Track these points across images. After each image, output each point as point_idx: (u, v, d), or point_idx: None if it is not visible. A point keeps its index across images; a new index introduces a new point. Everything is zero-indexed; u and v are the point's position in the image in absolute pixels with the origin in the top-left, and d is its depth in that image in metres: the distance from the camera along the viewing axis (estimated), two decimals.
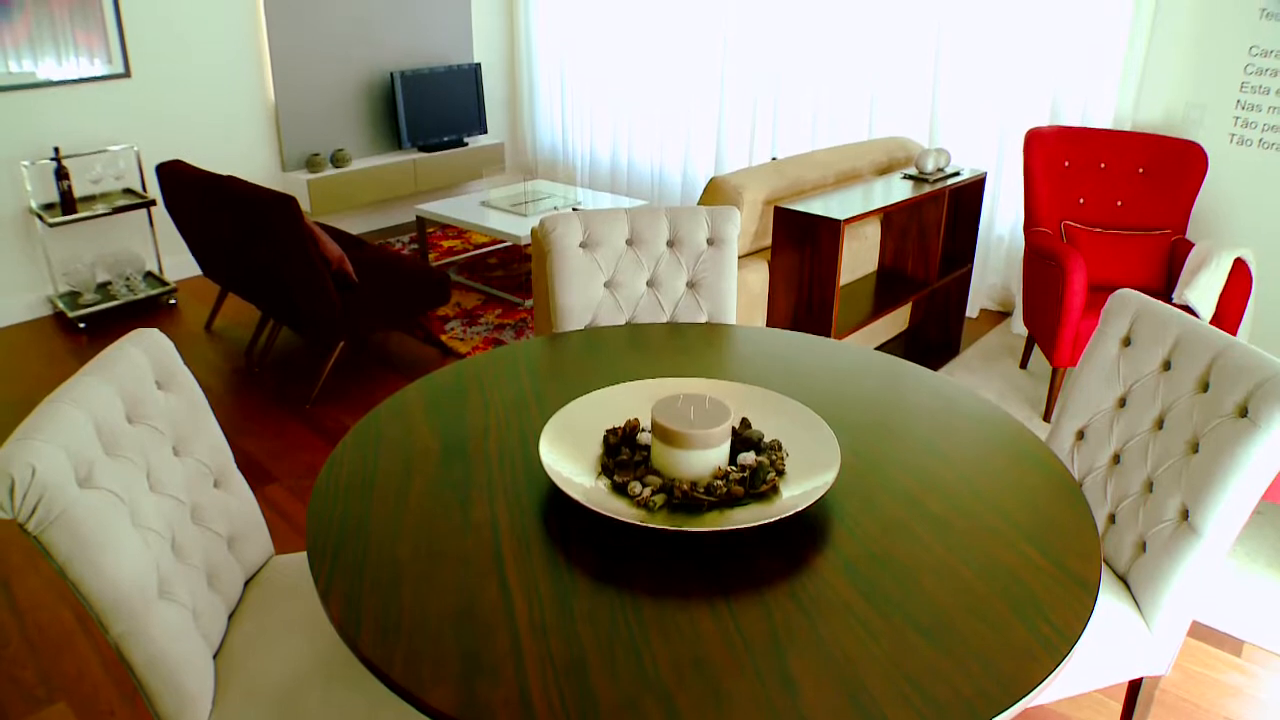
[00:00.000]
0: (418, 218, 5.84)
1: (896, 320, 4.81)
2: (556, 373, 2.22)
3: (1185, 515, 1.85)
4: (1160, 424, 1.99)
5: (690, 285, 2.71)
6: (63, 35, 5.23)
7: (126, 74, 5.56)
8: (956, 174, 4.34)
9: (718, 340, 2.46)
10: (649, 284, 2.70)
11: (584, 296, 2.64)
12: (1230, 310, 3.90)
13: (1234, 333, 3.92)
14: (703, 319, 2.70)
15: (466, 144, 7.18)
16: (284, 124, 6.37)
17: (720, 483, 1.64)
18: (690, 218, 2.69)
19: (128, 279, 5.47)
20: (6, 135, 5.16)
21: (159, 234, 5.83)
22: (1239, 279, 3.91)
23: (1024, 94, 5.02)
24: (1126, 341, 2.13)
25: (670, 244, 2.70)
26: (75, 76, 5.34)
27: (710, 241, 2.70)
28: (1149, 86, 4.63)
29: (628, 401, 1.95)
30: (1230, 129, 4.45)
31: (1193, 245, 4.13)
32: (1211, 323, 3.92)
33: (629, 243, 2.69)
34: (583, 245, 2.64)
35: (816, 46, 5.83)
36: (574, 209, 5.17)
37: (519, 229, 5.21)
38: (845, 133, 5.81)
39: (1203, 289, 3.90)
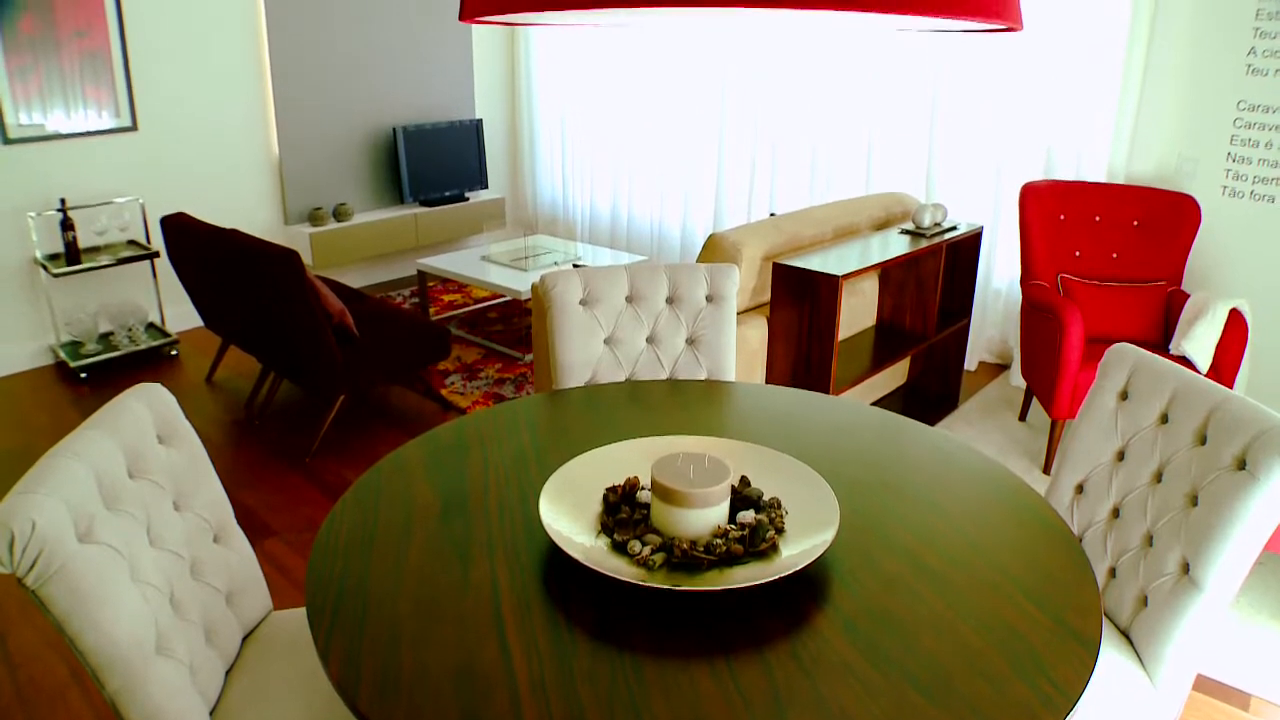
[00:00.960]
0: (419, 272, 5.88)
1: (895, 374, 4.83)
2: (557, 430, 2.23)
3: (1186, 568, 1.85)
4: (1159, 477, 2.00)
5: (690, 342, 2.73)
6: (72, 89, 5.32)
7: (134, 127, 5.65)
8: (953, 228, 4.38)
9: (717, 397, 2.47)
10: (649, 340, 2.72)
11: (584, 353, 2.65)
12: (1227, 360, 3.92)
13: (1231, 383, 3.93)
14: (702, 375, 2.72)
15: (468, 199, 7.25)
16: (287, 177, 6.44)
17: (720, 541, 1.64)
18: (689, 275, 2.72)
19: (130, 329, 5.50)
20: (15, 187, 5.23)
21: (162, 285, 5.87)
22: (1235, 329, 3.93)
23: (1018, 149, 5.08)
24: (1124, 395, 2.14)
25: (670, 301, 2.72)
26: (83, 129, 5.43)
27: (709, 298, 2.72)
28: (1141, 140, 4.69)
29: (627, 459, 1.95)
30: (1222, 181, 4.51)
31: (1188, 296, 4.16)
32: (1209, 373, 3.93)
33: (629, 300, 2.71)
34: (583, 302, 2.66)
35: (813, 103, 5.91)
36: (574, 264, 5.22)
37: (519, 284, 5.25)
38: (842, 188, 5.87)
39: (1199, 340, 3.92)
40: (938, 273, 4.24)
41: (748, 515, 1.71)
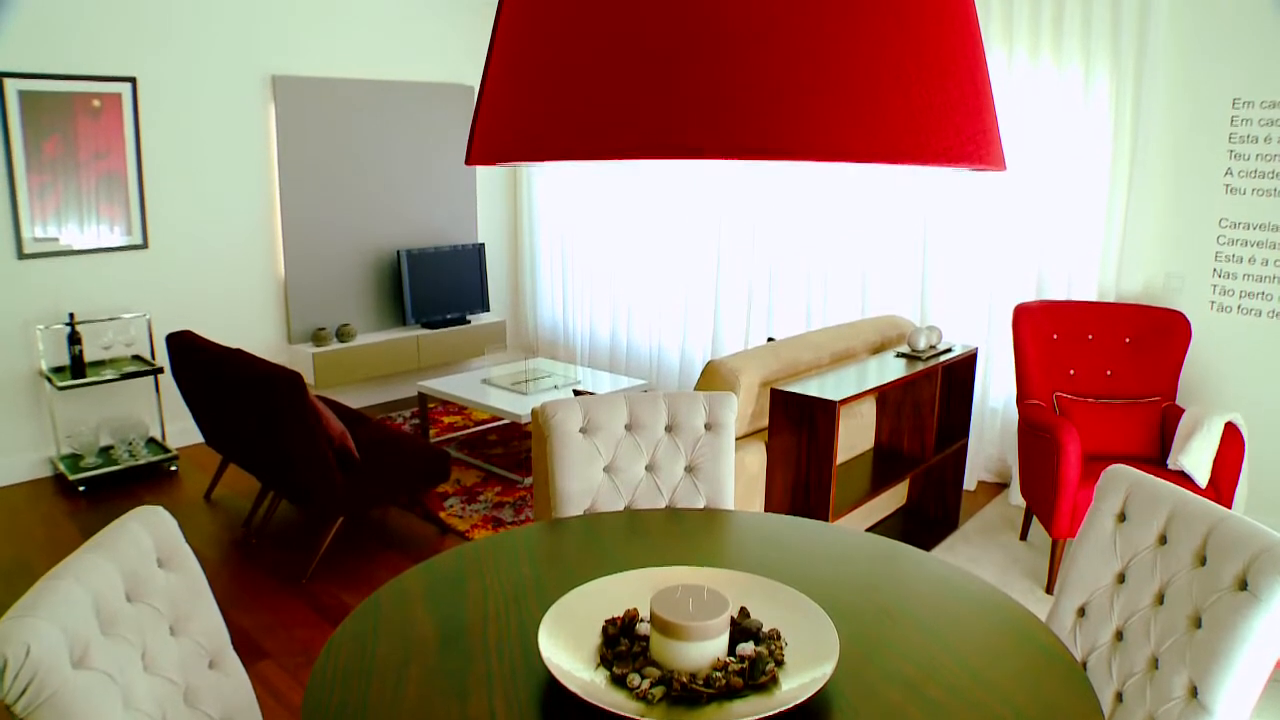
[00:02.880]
0: (419, 394, 5.92)
1: (895, 496, 4.82)
2: (556, 560, 2.23)
3: (1194, 692, 1.83)
4: (1161, 599, 1.99)
5: (689, 469, 2.75)
6: (88, 206, 5.48)
7: (144, 245, 5.79)
8: (948, 350, 4.44)
9: (716, 526, 2.48)
10: (648, 468, 2.74)
11: (583, 481, 2.67)
12: (1225, 474, 3.93)
13: (1231, 496, 3.93)
14: (701, 503, 2.73)
15: (469, 321, 7.35)
16: (292, 298, 6.54)
17: (719, 674, 1.63)
18: (688, 403, 2.75)
19: (130, 444, 5.52)
20: (26, 300, 5.33)
21: (164, 400, 5.91)
22: (1231, 443, 3.95)
23: (1010, 271, 5.18)
24: (1121, 517, 2.14)
25: (669, 429, 2.75)
26: (95, 245, 5.57)
27: (708, 426, 2.75)
28: (1129, 259, 4.79)
29: (627, 591, 1.96)
30: (1210, 296, 4.59)
31: (1183, 411, 4.18)
32: (1207, 487, 3.94)
33: (628, 428, 2.74)
34: (583, 430, 2.69)
35: (809, 229, 6.04)
36: (574, 389, 5.26)
37: (519, 407, 5.28)
38: (839, 311, 5.95)
39: (1196, 454, 3.94)
40: (934, 394, 4.27)
41: (747, 647, 1.71)
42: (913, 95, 1.05)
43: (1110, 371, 4.48)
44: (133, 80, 5.66)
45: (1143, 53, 4.59)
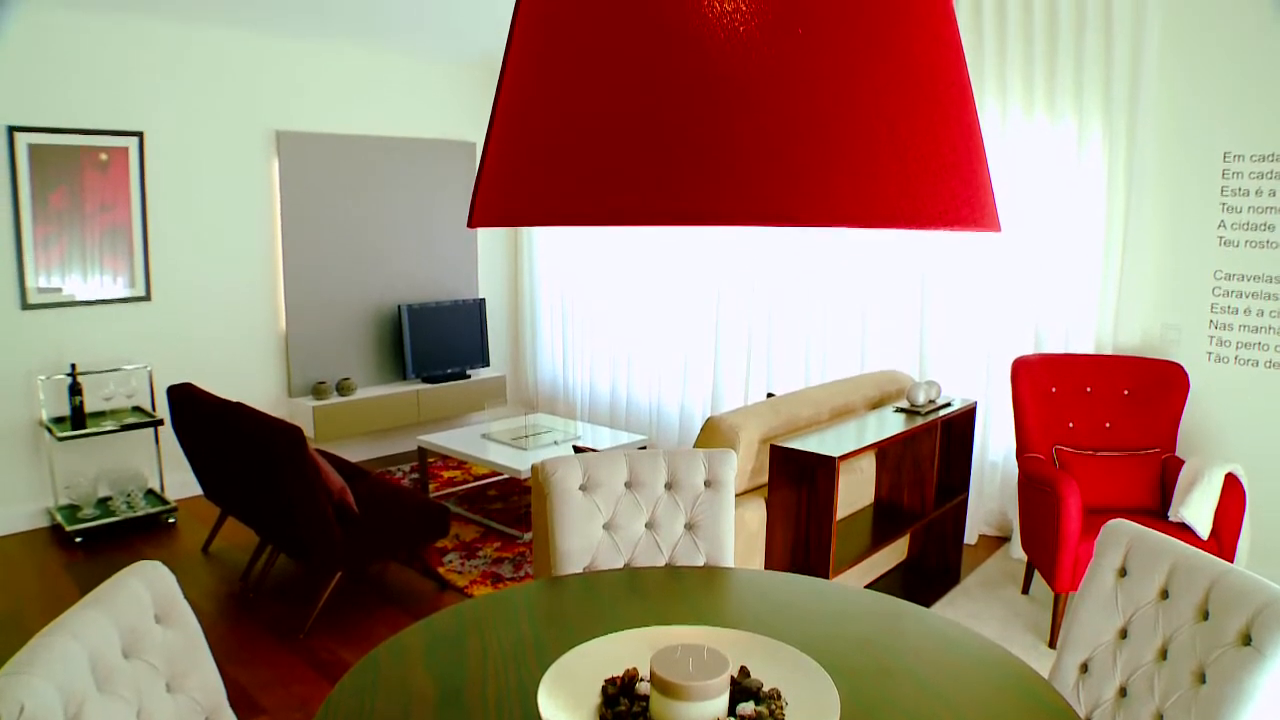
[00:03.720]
0: (419, 448, 5.92)
1: (895, 551, 4.81)
2: (555, 618, 2.23)
3: None
4: (1164, 654, 1.98)
5: (688, 527, 2.74)
6: (92, 258, 5.54)
7: (147, 297, 5.83)
8: (947, 405, 4.45)
9: (715, 584, 2.47)
10: (648, 525, 2.74)
11: (583, 539, 2.67)
12: (1227, 526, 3.92)
13: (1233, 548, 3.92)
14: (701, 560, 2.72)
15: (469, 376, 7.37)
16: (293, 351, 6.57)
17: None
18: (688, 461, 2.75)
19: (129, 495, 5.51)
20: (28, 350, 5.37)
21: (164, 452, 5.90)
22: (1232, 494, 3.94)
23: (1008, 324, 5.20)
24: (1122, 572, 2.14)
25: (669, 486, 2.75)
26: (99, 297, 5.61)
27: (708, 484, 2.75)
28: (1125, 311, 4.81)
29: (626, 650, 1.95)
30: (1207, 347, 4.62)
31: (1183, 463, 4.18)
32: (1209, 539, 3.93)
33: (628, 485, 2.74)
34: (582, 488, 2.69)
35: (808, 285, 6.07)
36: (574, 445, 5.26)
37: (519, 463, 5.28)
38: (837, 365, 5.97)
39: (1197, 506, 3.94)
40: (934, 449, 4.28)
41: (747, 708, 1.70)
42: (908, 160, 1.07)
43: (1109, 424, 4.48)
44: (140, 134, 5.75)
45: (1134, 108, 4.65)
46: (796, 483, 3.63)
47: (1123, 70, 4.66)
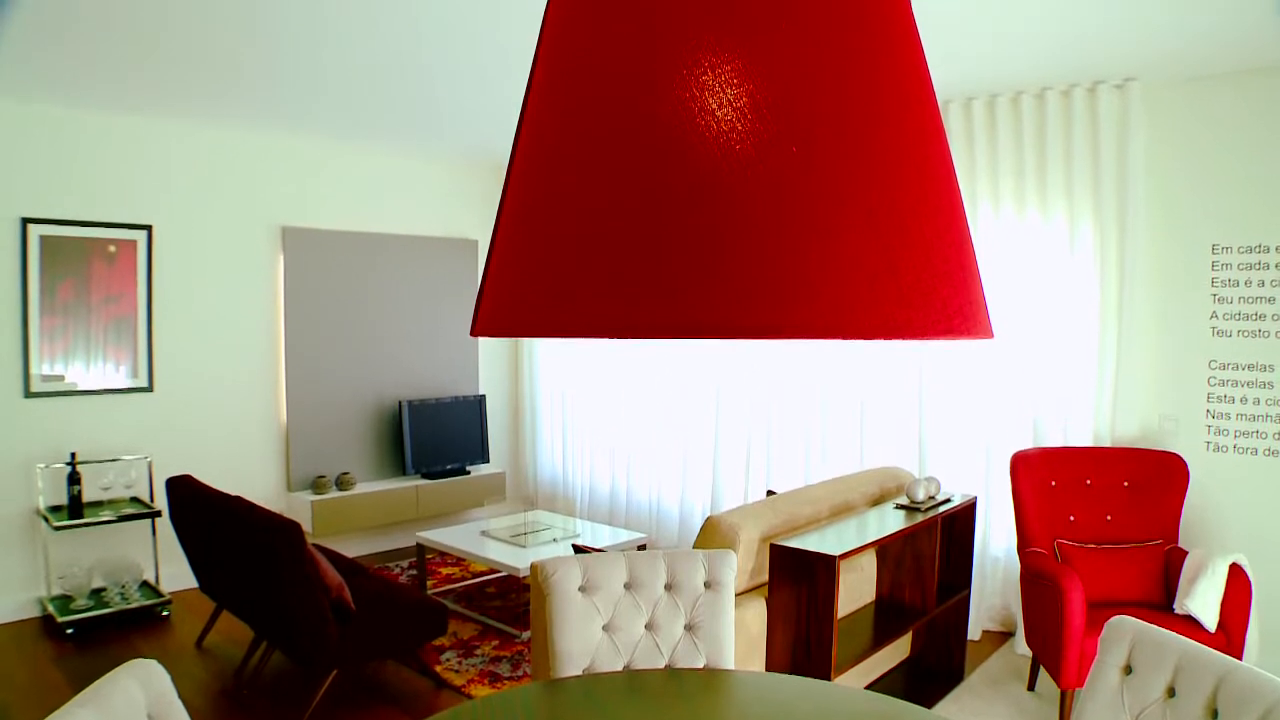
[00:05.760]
0: (418, 544, 5.88)
1: (898, 649, 4.74)
2: None
3: None
4: None
5: (688, 628, 2.72)
6: (96, 348, 5.60)
7: (150, 388, 5.87)
8: (947, 500, 4.44)
9: (716, 687, 2.44)
10: (647, 627, 2.72)
11: (582, 641, 2.64)
12: (1234, 617, 3.88)
13: (1241, 640, 3.87)
14: (701, 662, 2.69)
15: (469, 472, 7.35)
16: (293, 445, 6.57)
17: None
18: (687, 562, 2.74)
19: (123, 587, 5.45)
20: (28, 438, 5.39)
21: (160, 544, 5.84)
22: (1238, 585, 3.92)
23: (1006, 418, 5.22)
24: (1127, 669, 2.11)
25: (668, 587, 2.74)
26: (101, 387, 5.65)
27: (707, 585, 2.74)
28: (1123, 403, 4.84)
29: None
30: (1205, 437, 4.63)
31: (1186, 554, 4.16)
32: (1217, 631, 3.88)
33: (627, 586, 2.72)
34: (581, 589, 2.67)
35: (806, 383, 6.11)
36: (573, 545, 5.23)
37: (518, 561, 5.24)
38: (837, 461, 5.96)
39: (1202, 598, 3.90)
40: (935, 545, 4.25)
41: None
42: (900, 272, 1.09)
43: (1110, 516, 4.47)
44: (149, 228, 5.86)
45: (1124, 203, 4.75)
46: (797, 582, 3.60)
47: (1110, 167, 4.77)
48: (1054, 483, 4.55)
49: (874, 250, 1.08)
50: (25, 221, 5.38)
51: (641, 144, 1.09)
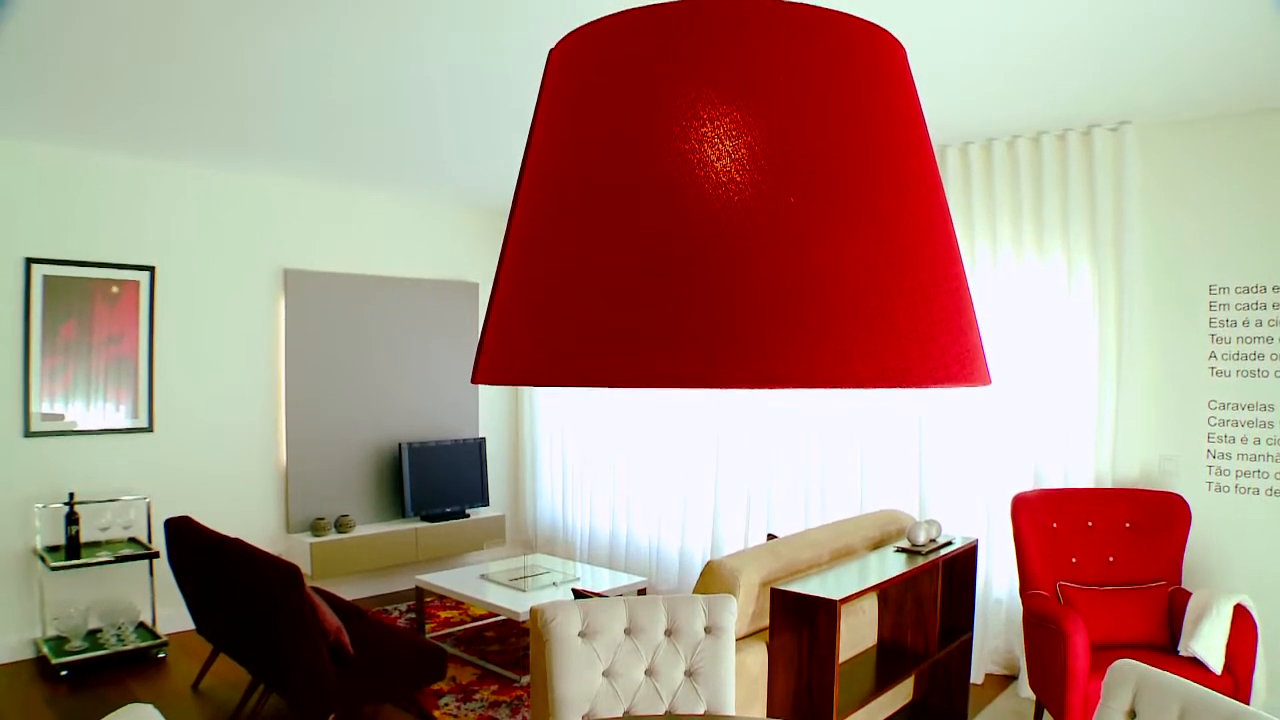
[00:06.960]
0: (417, 588, 5.85)
1: (900, 693, 4.70)
2: None
3: None
4: None
5: (689, 673, 2.70)
6: (96, 388, 5.62)
7: (149, 429, 5.87)
8: (949, 543, 4.42)
9: None
10: (647, 673, 2.70)
11: (581, 686, 2.62)
12: (1240, 658, 3.85)
13: (1248, 681, 3.84)
14: (701, 707, 2.67)
15: (469, 515, 7.33)
16: (292, 487, 6.56)
17: None
18: (688, 607, 2.73)
19: (119, 628, 5.41)
20: (27, 477, 5.39)
21: (158, 585, 5.80)
22: (1242, 625, 3.89)
23: (1006, 460, 5.21)
24: (1132, 714, 2.10)
25: (668, 632, 2.73)
26: (101, 427, 5.65)
27: (708, 630, 2.72)
28: (1123, 445, 4.84)
29: None
30: (1206, 477, 4.63)
31: (1190, 595, 4.14)
32: (1223, 673, 3.85)
33: (627, 631, 2.71)
34: (581, 634, 2.66)
35: (806, 426, 6.11)
36: (573, 589, 5.20)
37: (518, 605, 5.22)
38: (837, 505, 5.95)
39: (1207, 639, 3.88)
40: (936, 588, 4.23)
41: None
42: (897, 321, 1.10)
43: (1112, 558, 4.45)
44: (151, 269, 5.89)
45: (1120, 244, 4.78)
46: (798, 626, 3.58)
47: (1106, 209, 4.81)
48: (1055, 525, 4.54)
49: (872, 300, 1.09)
50: (29, 261, 5.41)
51: (640, 195, 1.10)
